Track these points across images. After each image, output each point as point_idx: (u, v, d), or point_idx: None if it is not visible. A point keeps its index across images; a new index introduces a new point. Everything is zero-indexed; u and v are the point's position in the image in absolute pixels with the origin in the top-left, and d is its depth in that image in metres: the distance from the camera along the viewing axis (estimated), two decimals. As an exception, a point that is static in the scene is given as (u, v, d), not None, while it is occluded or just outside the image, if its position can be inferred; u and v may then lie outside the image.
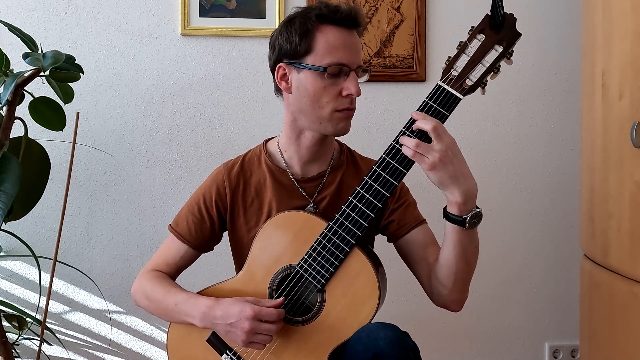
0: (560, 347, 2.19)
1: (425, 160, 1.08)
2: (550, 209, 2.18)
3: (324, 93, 1.22)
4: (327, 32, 1.21)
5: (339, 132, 1.27)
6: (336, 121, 1.24)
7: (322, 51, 1.21)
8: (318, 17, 1.21)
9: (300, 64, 1.22)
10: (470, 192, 1.11)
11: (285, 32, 1.24)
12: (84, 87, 1.95)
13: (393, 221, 1.33)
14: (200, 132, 2.05)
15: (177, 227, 1.36)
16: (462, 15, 2.09)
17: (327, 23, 1.22)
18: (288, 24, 1.25)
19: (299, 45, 1.22)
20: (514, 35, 1.10)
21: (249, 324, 1.15)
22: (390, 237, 1.36)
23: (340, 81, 1.22)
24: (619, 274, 1.55)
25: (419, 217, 1.35)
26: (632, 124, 1.45)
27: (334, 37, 1.21)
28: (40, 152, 1.48)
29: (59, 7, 2.00)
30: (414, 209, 1.35)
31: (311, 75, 1.22)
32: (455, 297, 1.24)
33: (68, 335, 2.04)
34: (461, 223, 1.12)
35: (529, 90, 2.15)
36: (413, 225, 1.32)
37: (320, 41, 1.21)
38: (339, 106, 1.23)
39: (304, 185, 1.33)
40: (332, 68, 1.20)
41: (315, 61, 1.21)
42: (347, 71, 1.22)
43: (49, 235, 2.01)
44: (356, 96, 1.23)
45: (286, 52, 1.24)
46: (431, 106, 1.12)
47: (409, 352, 1.11)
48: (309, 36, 1.21)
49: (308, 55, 1.22)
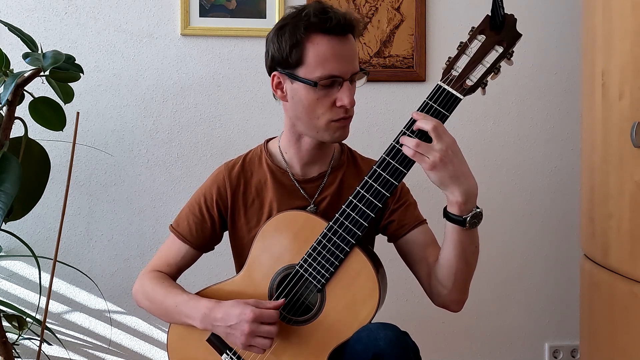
0: (560, 347, 2.19)
1: (425, 160, 1.08)
2: (550, 209, 2.18)
3: (317, 105, 1.21)
4: (317, 42, 1.18)
5: (336, 140, 1.27)
6: (332, 130, 1.24)
7: (313, 64, 1.18)
8: (307, 28, 1.18)
9: (293, 75, 1.21)
10: (471, 191, 1.11)
11: (276, 41, 1.22)
12: (84, 87, 1.95)
13: (393, 221, 1.33)
14: (200, 132, 2.05)
15: (178, 227, 1.36)
16: (462, 15, 2.09)
17: (318, 32, 1.18)
18: (279, 31, 1.21)
19: (289, 56, 1.19)
20: (515, 35, 1.10)
21: (249, 326, 1.15)
22: (390, 237, 1.36)
23: (334, 91, 1.20)
24: (619, 274, 1.55)
25: (419, 217, 1.34)
26: (632, 124, 1.45)
27: (324, 47, 1.18)
28: (40, 152, 1.48)
29: (59, 7, 2.00)
30: (415, 209, 1.35)
31: (304, 87, 1.20)
32: (455, 298, 1.24)
33: (68, 335, 2.04)
34: (461, 223, 1.12)
35: (529, 90, 2.15)
36: (413, 226, 1.32)
37: (310, 53, 1.18)
38: (334, 116, 1.22)
39: (304, 186, 1.33)
40: (324, 81, 1.18)
41: (306, 74, 1.19)
42: (340, 82, 1.20)
43: (49, 235, 2.01)
44: (350, 107, 1.21)
45: (279, 61, 1.22)
46: (431, 106, 1.12)
47: (409, 352, 1.12)
48: (299, 47, 1.18)
49: (299, 67, 1.19)
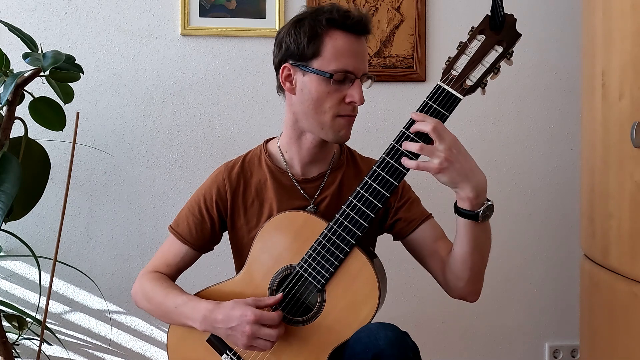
0: (560, 347, 2.19)
1: (430, 166, 1.08)
2: (550, 209, 2.18)
3: (327, 98, 1.21)
4: (336, 37, 1.20)
5: (340, 140, 1.26)
6: (338, 128, 1.24)
7: (329, 56, 1.19)
8: (328, 22, 1.19)
9: (307, 67, 1.21)
10: (481, 185, 1.11)
11: (293, 33, 1.22)
12: (84, 87, 1.95)
13: (400, 219, 1.33)
14: (200, 132, 2.05)
15: (177, 227, 1.36)
16: (462, 15, 2.09)
17: (337, 28, 1.20)
18: (297, 24, 1.23)
19: (306, 47, 1.20)
20: (514, 35, 1.10)
21: (250, 328, 1.15)
22: (397, 235, 1.36)
23: (345, 88, 1.21)
24: (619, 274, 1.55)
25: (424, 212, 1.34)
26: (632, 124, 1.45)
27: (342, 43, 1.20)
28: (40, 152, 1.48)
29: (59, 7, 2.00)
30: (419, 205, 1.35)
31: (316, 79, 1.21)
32: (472, 289, 1.26)
33: (68, 335, 2.04)
34: (474, 217, 1.12)
35: (529, 90, 2.15)
36: (421, 221, 1.32)
37: (328, 46, 1.20)
38: (341, 112, 1.22)
39: (304, 186, 1.33)
40: (338, 75, 1.20)
41: (322, 66, 1.20)
42: (352, 78, 1.21)
43: (49, 235, 2.01)
44: (359, 104, 1.22)
45: (293, 53, 1.23)
46: (431, 106, 1.12)
47: (409, 352, 1.11)
48: (318, 40, 1.20)
49: (315, 59, 1.20)
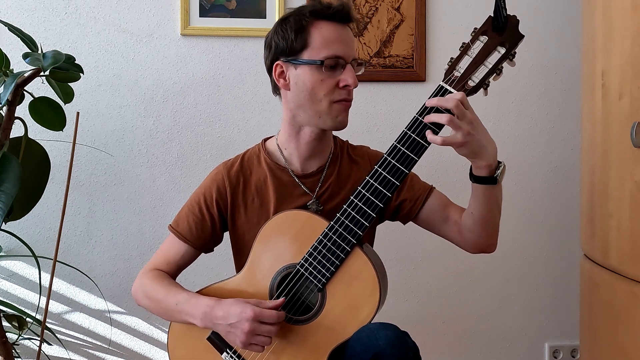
0: (560, 347, 2.19)
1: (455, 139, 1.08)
2: (550, 209, 2.18)
3: (321, 86, 1.24)
4: (322, 27, 1.24)
5: (338, 126, 1.28)
6: (335, 113, 1.26)
7: (318, 45, 1.23)
8: (312, 13, 1.24)
9: (297, 60, 1.25)
10: (495, 152, 1.15)
11: (280, 31, 1.27)
12: (84, 87, 1.95)
13: (405, 200, 1.35)
14: (200, 132, 2.05)
15: (177, 226, 1.36)
16: (462, 16, 2.09)
17: (321, 19, 1.24)
18: (282, 22, 1.27)
19: (294, 41, 1.24)
20: (517, 37, 1.10)
21: (249, 325, 1.15)
22: (407, 217, 1.37)
23: (337, 74, 1.24)
24: (619, 274, 1.55)
25: (426, 185, 1.37)
26: (632, 124, 1.45)
27: (328, 31, 1.24)
28: (40, 152, 1.48)
29: (59, 7, 2.00)
30: (419, 181, 1.38)
31: (308, 69, 1.24)
32: (492, 241, 1.30)
33: (68, 335, 2.04)
34: (494, 181, 1.16)
35: (529, 90, 2.15)
36: (426, 196, 1.35)
37: (315, 36, 1.23)
38: (336, 97, 1.25)
39: (304, 181, 1.33)
40: (329, 61, 1.23)
41: (312, 55, 1.23)
42: (343, 64, 1.24)
43: (49, 235, 2.01)
44: (353, 87, 1.25)
45: (282, 50, 1.26)
46: (433, 107, 1.12)
47: (409, 351, 1.12)
48: (304, 32, 1.24)
49: (304, 50, 1.24)
